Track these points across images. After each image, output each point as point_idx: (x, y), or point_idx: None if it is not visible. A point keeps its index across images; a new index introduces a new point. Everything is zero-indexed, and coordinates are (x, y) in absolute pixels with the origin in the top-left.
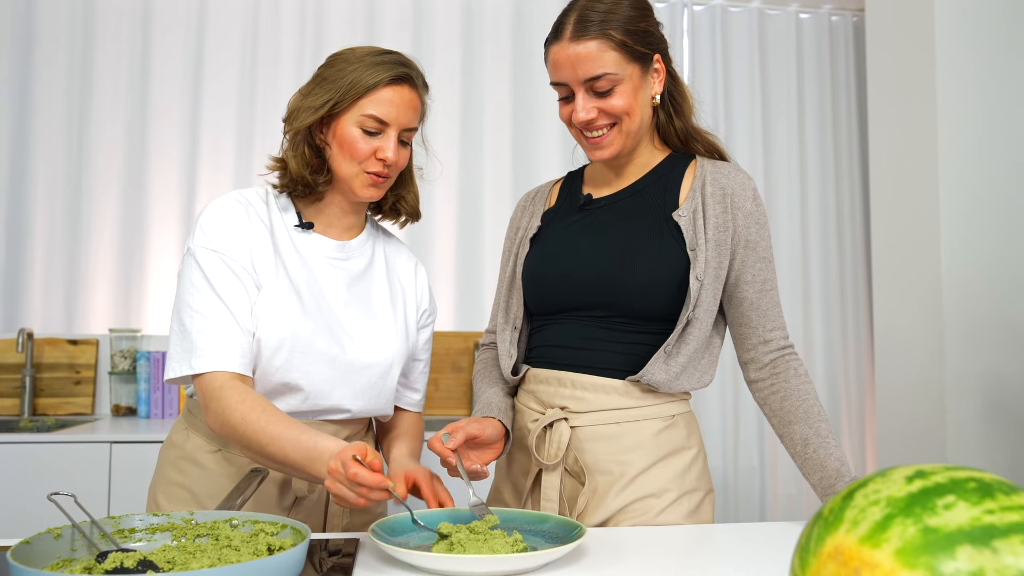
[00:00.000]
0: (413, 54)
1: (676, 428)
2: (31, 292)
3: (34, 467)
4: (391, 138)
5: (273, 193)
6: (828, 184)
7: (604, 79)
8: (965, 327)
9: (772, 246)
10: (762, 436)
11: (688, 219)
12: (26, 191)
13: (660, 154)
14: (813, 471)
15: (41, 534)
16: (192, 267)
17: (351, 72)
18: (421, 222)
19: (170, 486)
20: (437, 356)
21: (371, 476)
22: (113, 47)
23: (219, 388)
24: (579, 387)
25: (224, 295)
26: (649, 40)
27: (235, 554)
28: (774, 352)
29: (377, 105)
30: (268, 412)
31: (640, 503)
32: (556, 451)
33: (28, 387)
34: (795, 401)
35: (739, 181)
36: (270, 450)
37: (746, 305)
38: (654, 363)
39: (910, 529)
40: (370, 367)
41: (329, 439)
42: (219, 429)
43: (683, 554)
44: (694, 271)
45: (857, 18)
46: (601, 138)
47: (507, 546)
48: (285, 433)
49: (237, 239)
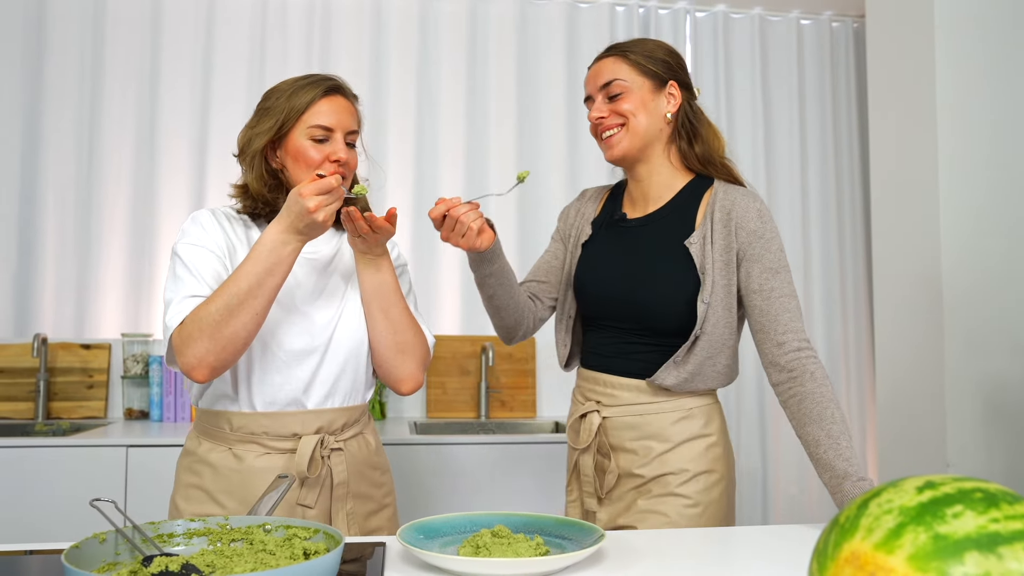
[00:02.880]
0: (419, 55)
1: (693, 419)
2: (43, 297)
3: (50, 470)
4: (338, 141)
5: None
6: (829, 189)
7: (614, 84)
8: (965, 331)
9: (784, 257)
10: (764, 438)
11: (699, 245)
12: (37, 198)
13: (683, 177)
14: (823, 471)
15: (88, 539)
16: (175, 263)
17: (289, 97)
18: (427, 227)
19: (187, 488)
20: (444, 360)
21: (323, 181)
22: (123, 52)
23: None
24: (610, 386)
25: (197, 269)
26: (664, 66)
27: (272, 558)
28: (789, 355)
29: (318, 116)
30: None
31: (662, 479)
32: (587, 436)
33: (42, 391)
34: (810, 404)
35: (743, 204)
36: (243, 284)
37: (757, 312)
38: (664, 370)
39: (921, 536)
40: (344, 349)
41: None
42: (201, 343)
43: (701, 557)
44: (702, 294)
45: (858, 24)
46: (611, 138)
47: (530, 550)
48: (240, 267)
49: (216, 236)
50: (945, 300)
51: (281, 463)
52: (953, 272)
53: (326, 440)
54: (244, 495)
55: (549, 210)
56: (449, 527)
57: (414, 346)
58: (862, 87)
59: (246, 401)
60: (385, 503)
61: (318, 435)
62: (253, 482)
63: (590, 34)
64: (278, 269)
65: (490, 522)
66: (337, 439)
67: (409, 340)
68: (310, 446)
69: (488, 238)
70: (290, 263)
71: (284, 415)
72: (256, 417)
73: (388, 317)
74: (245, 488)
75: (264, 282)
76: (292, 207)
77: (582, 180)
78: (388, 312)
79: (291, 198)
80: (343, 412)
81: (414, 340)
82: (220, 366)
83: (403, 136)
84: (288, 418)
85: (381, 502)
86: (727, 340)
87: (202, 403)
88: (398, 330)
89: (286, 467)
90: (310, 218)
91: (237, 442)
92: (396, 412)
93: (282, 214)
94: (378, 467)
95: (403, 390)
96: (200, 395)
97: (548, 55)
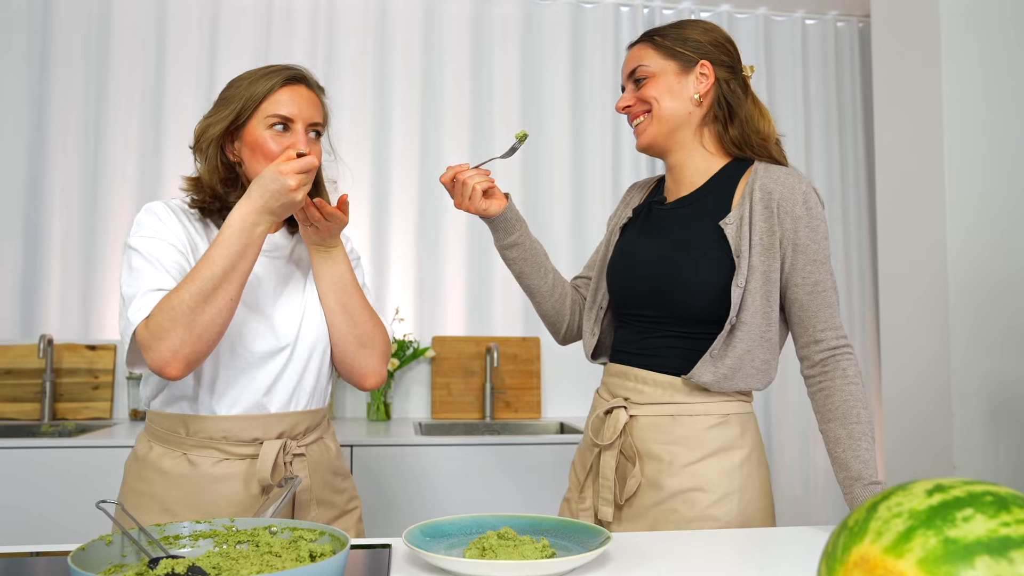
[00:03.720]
0: (424, 57)
1: (728, 427)
2: (49, 298)
3: (57, 472)
4: (299, 132)
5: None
6: (834, 188)
7: (639, 70)
8: (971, 329)
9: (828, 245)
10: (769, 438)
11: (735, 226)
12: (43, 199)
13: (719, 160)
14: (840, 469)
15: (94, 541)
16: (130, 255)
17: (249, 86)
18: (432, 228)
19: (137, 496)
20: (448, 361)
21: (304, 160)
22: (128, 54)
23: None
24: (640, 381)
25: (159, 261)
26: (693, 46)
27: (278, 560)
28: (825, 352)
29: (278, 105)
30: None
31: (689, 494)
32: (611, 434)
33: (48, 392)
34: (836, 401)
35: (788, 185)
36: (216, 267)
37: (797, 306)
38: (702, 365)
39: (931, 540)
40: (308, 347)
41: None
42: (175, 335)
43: (708, 559)
44: (736, 278)
45: (863, 24)
46: (638, 126)
47: (536, 552)
48: (210, 251)
49: (175, 228)
50: (951, 300)
51: (240, 469)
52: (959, 272)
53: (288, 445)
54: (199, 504)
55: (554, 211)
56: (455, 529)
57: (374, 339)
58: (867, 87)
59: (205, 404)
60: (348, 508)
61: (280, 440)
62: (209, 490)
63: (595, 35)
64: (249, 251)
65: (496, 524)
66: (299, 444)
67: (369, 333)
68: (273, 451)
69: (498, 204)
70: (259, 245)
71: (245, 419)
72: (216, 421)
73: (347, 310)
74: (200, 497)
75: (237, 264)
76: (268, 185)
77: (587, 181)
78: (347, 305)
79: (267, 175)
80: (306, 415)
81: (374, 332)
82: (195, 359)
83: (407, 138)
84: (250, 422)
85: (344, 508)
86: (765, 332)
87: (155, 404)
88: (358, 323)
89: (246, 474)
90: (289, 196)
91: (193, 447)
92: (401, 413)
93: (252, 193)
94: (339, 472)
95: (366, 385)
96: (153, 396)
97: (552, 56)
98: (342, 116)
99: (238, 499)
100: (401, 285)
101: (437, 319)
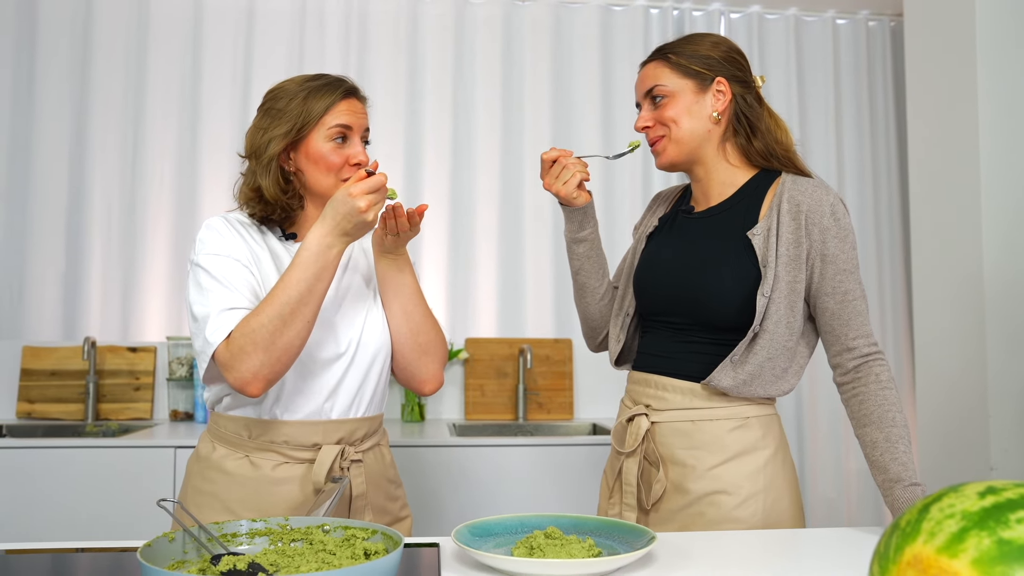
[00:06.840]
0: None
1: (749, 429)
2: (91, 301)
3: (102, 470)
4: (357, 142)
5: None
6: (866, 189)
7: (656, 89)
8: (1008, 329)
9: (856, 255)
10: (801, 441)
11: (762, 237)
12: (84, 205)
13: (745, 173)
14: (877, 472)
15: (158, 538)
16: (198, 273)
17: (305, 99)
18: (465, 230)
19: (199, 495)
20: (482, 362)
21: (372, 179)
22: (165, 61)
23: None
24: (661, 387)
25: (229, 280)
26: (707, 63)
27: (334, 558)
28: (857, 359)
29: (339, 116)
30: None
31: (714, 496)
32: (632, 441)
33: (92, 393)
34: (871, 406)
35: (816, 197)
36: (293, 292)
37: (828, 315)
38: (721, 370)
39: (985, 541)
40: (369, 355)
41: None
42: (255, 357)
43: (753, 560)
44: (762, 288)
45: (895, 23)
46: (656, 146)
47: (583, 551)
48: (287, 274)
49: (237, 243)
50: (987, 301)
51: (299, 473)
52: (995, 273)
53: (346, 451)
54: (259, 505)
55: None
56: (501, 528)
57: (435, 346)
58: (900, 87)
59: (269, 410)
60: (401, 516)
61: (339, 446)
62: (268, 492)
63: (624, 38)
64: (325, 274)
65: (541, 523)
66: (357, 450)
67: (431, 340)
68: (330, 457)
69: (585, 196)
70: (335, 267)
71: (306, 424)
72: (278, 426)
73: (411, 318)
74: (260, 498)
75: (314, 288)
76: (339, 208)
77: (617, 186)
78: (411, 313)
79: (338, 198)
80: (365, 422)
81: (436, 339)
82: (274, 378)
83: (439, 143)
84: (310, 427)
85: (397, 515)
86: (787, 342)
87: (220, 407)
88: (420, 331)
89: (303, 478)
90: (360, 218)
91: (255, 450)
92: (435, 414)
93: (326, 216)
94: (393, 480)
95: (425, 391)
96: (218, 400)
97: (582, 59)
98: (374, 119)
99: (295, 501)
100: (434, 287)
101: (470, 321)
